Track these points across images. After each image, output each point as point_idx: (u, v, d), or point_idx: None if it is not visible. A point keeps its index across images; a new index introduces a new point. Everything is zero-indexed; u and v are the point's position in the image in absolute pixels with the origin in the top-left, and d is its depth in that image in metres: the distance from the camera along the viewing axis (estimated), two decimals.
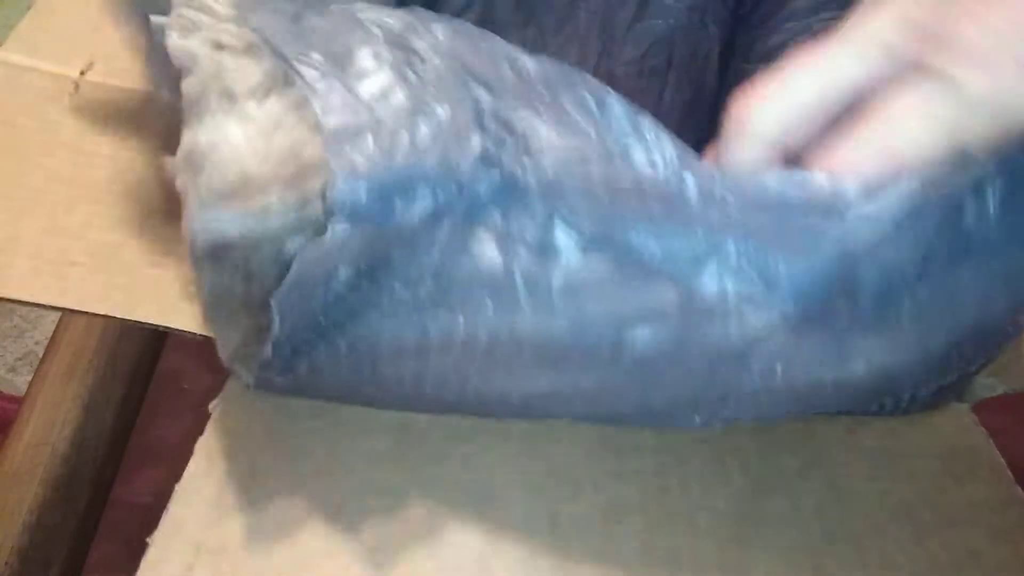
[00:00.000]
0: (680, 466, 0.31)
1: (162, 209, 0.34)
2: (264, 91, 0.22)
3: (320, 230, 0.21)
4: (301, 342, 0.23)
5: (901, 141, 0.21)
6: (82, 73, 0.33)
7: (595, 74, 0.41)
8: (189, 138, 0.22)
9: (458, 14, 0.38)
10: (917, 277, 0.22)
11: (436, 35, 0.23)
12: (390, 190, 0.20)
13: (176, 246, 0.34)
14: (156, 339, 0.39)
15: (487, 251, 0.22)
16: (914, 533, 0.29)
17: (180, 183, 0.23)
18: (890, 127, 0.21)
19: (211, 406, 0.32)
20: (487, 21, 0.38)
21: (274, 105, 0.22)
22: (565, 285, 0.22)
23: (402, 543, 0.28)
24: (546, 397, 0.25)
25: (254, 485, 0.30)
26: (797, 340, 0.22)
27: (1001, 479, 0.30)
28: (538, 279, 0.22)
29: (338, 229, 0.20)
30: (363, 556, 0.28)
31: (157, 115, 0.32)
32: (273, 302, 0.21)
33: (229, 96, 0.22)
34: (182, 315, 0.32)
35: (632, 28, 0.38)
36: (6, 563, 0.29)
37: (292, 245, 0.22)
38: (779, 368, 0.22)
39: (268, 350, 0.23)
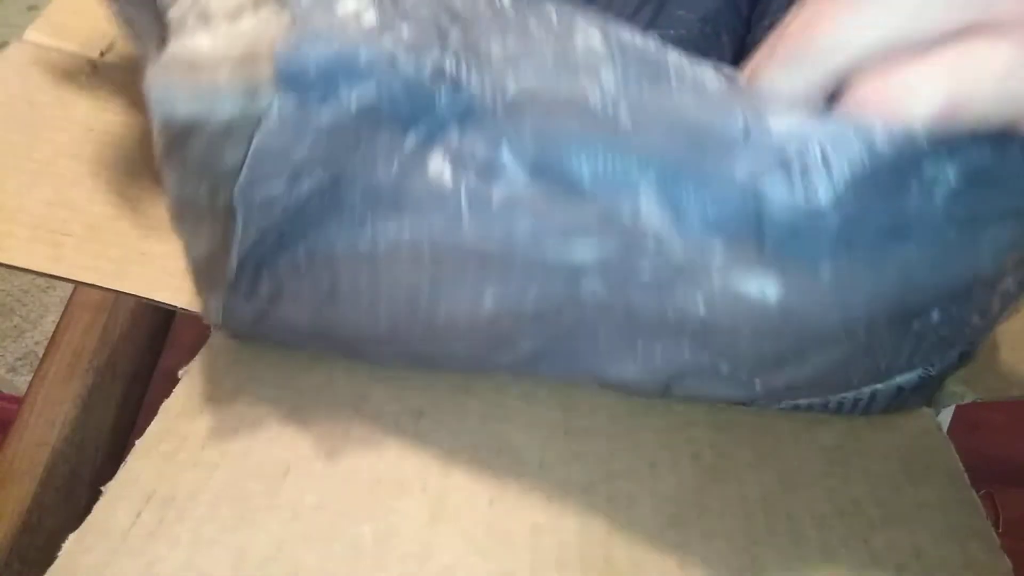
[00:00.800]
0: (632, 451, 0.31)
1: (159, 188, 0.36)
2: (238, 13, 0.24)
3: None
4: (264, 253, 0.25)
5: (962, 86, 0.20)
6: (102, 54, 0.36)
7: None
8: (162, 54, 0.24)
9: None
10: (837, 237, 0.22)
11: None
12: (334, 66, 0.22)
13: (167, 224, 0.36)
14: (156, 339, 0.41)
15: (442, 169, 0.24)
16: (859, 530, 0.28)
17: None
18: (954, 69, 0.20)
19: (180, 372, 0.33)
20: None
21: (246, 22, 0.24)
22: (504, 200, 0.23)
23: (344, 507, 0.29)
24: (492, 322, 0.26)
25: (210, 445, 0.31)
26: (713, 269, 0.22)
27: (956, 482, 0.29)
28: (481, 195, 0.23)
29: (286, 103, 0.22)
30: (305, 516, 0.29)
31: None
32: (236, 196, 0.23)
33: (205, 17, 0.24)
34: (167, 289, 0.34)
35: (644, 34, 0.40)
36: (6, 563, 0.30)
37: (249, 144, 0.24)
38: (700, 299, 0.23)
39: (234, 258, 0.24)
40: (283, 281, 0.26)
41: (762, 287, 0.23)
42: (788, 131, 0.21)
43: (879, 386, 0.30)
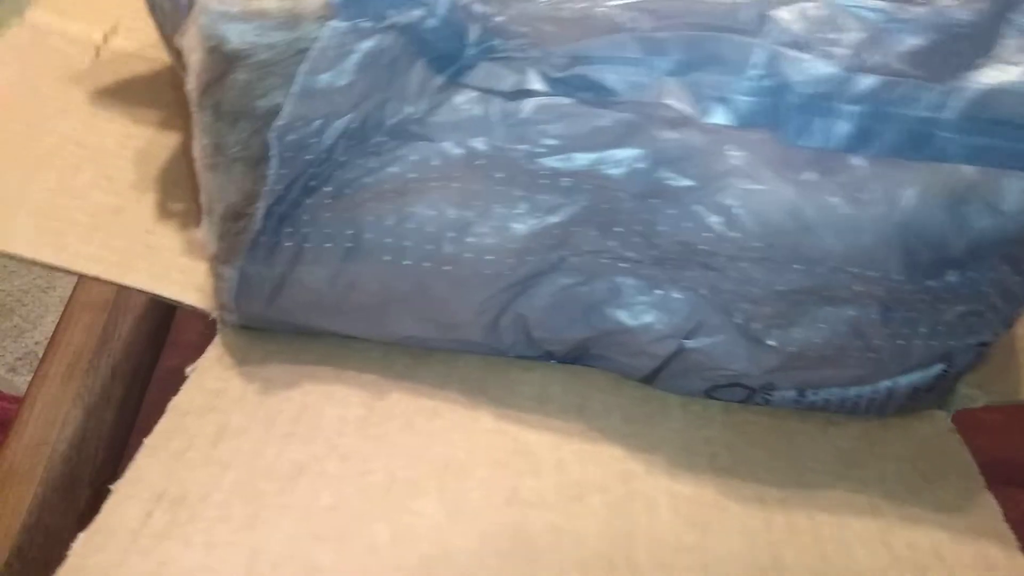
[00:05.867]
0: (648, 452, 0.30)
1: (165, 178, 0.35)
2: None
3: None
4: (291, 202, 0.27)
5: None
6: (105, 37, 0.35)
7: None
8: None
9: None
10: (852, 131, 0.24)
11: None
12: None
13: (173, 217, 0.35)
14: (156, 339, 0.40)
15: (469, 100, 0.26)
16: (879, 531, 0.28)
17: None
18: None
19: (187, 370, 0.32)
20: None
21: None
22: (533, 109, 0.26)
23: (359, 507, 0.28)
24: (520, 254, 0.27)
25: (220, 443, 0.30)
26: (731, 175, 0.24)
27: (972, 482, 0.29)
28: (510, 112, 0.26)
29: (336, 30, 0.24)
30: (319, 516, 0.28)
31: (171, 84, 0.34)
32: (271, 138, 0.25)
33: None
34: (172, 284, 0.33)
35: None
36: (6, 563, 0.29)
37: (286, 88, 0.25)
38: (735, 202, 0.25)
39: (261, 208, 0.26)
40: (306, 235, 0.27)
41: (776, 196, 0.24)
42: (797, 16, 0.24)
43: (895, 384, 0.30)
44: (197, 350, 0.33)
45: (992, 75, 0.24)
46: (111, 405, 0.35)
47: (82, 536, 0.27)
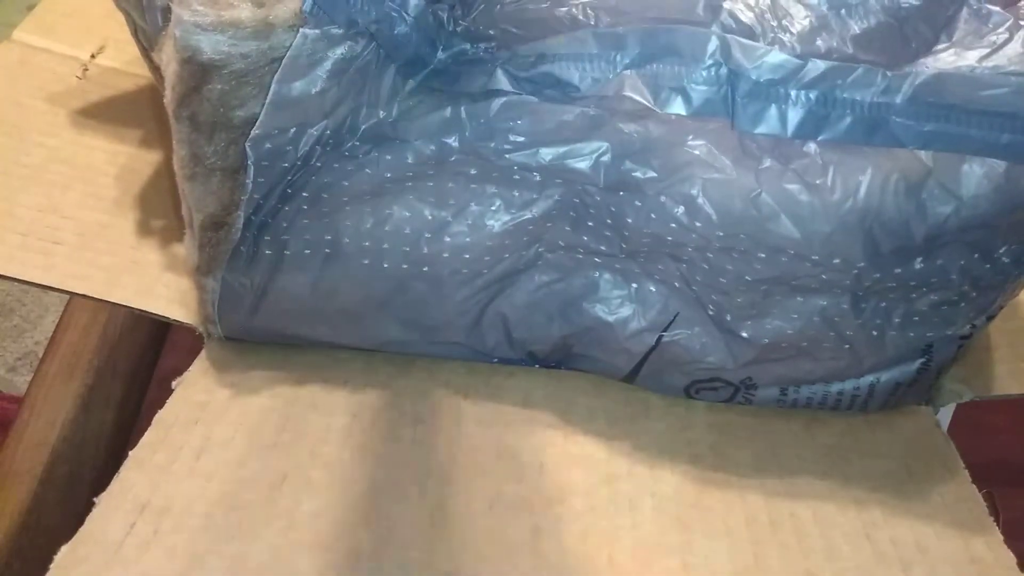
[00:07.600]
0: (631, 454, 0.30)
1: (151, 194, 0.36)
2: None
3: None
4: (270, 210, 0.27)
5: None
6: (93, 56, 0.35)
7: None
8: None
9: None
10: (803, 119, 0.25)
11: None
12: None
13: (159, 232, 0.36)
14: (156, 339, 0.40)
15: (441, 106, 0.27)
16: (863, 527, 0.28)
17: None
18: None
19: (173, 383, 0.32)
20: None
21: None
22: (502, 107, 0.26)
23: (342, 514, 0.29)
24: (497, 250, 0.28)
25: (204, 455, 0.30)
26: (695, 164, 0.25)
27: (957, 477, 0.29)
28: (479, 112, 0.26)
29: (306, 37, 0.24)
30: (302, 524, 0.28)
31: (156, 102, 0.34)
32: (248, 148, 0.25)
33: None
34: (158, 299, 0.34)
35: None
36: (6, 563, 0.29)
37: (261, 97, 0.25)
38: (697, 192, 0.25)
39: (240, 217, 0.26)
40: (286, 242, 0.27)
41: (736, 184, 0.25)
42: (749, 5, 0.25)
43: (877, 380, 0.30)
44: (195, 351, 0.33)
45: (948, 59, 0.24)
46: (111, 405, 0.35)
47: (65, 548, 0.27)
